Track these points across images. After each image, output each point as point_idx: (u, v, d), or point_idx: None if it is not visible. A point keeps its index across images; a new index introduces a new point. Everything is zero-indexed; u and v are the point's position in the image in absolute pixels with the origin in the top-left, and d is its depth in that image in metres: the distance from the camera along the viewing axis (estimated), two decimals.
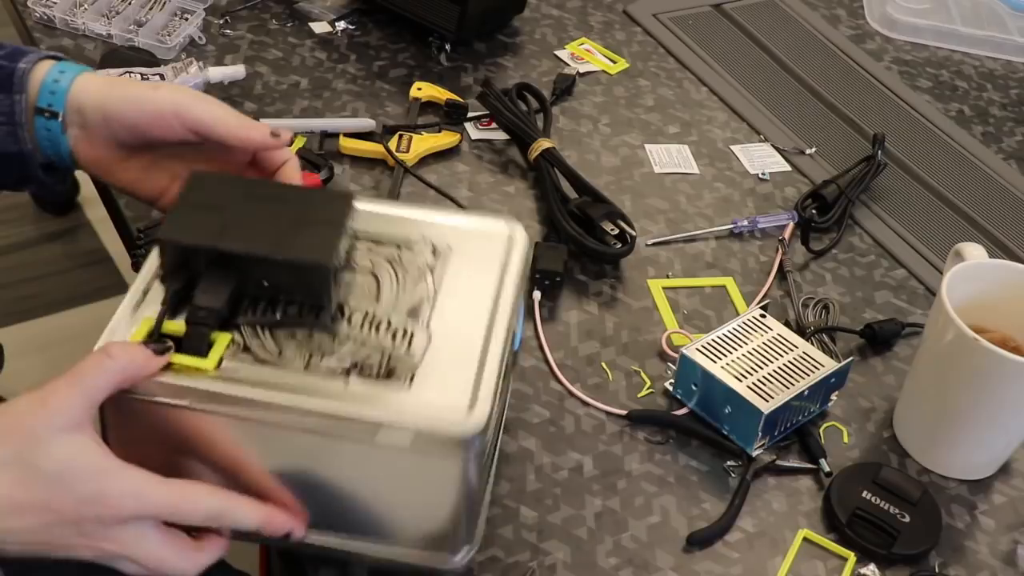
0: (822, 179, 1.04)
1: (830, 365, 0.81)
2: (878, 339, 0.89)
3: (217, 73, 1.04)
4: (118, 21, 1.09)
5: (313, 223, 0.62)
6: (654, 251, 0.95)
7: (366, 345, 0.61)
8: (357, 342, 0.61)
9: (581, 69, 1.15)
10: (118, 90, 0.68)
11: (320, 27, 1.15)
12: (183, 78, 1.03)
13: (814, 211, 1.00)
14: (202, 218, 0.62)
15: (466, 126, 1.05)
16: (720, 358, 0.80)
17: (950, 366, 0.77)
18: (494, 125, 1.04)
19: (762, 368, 0.80)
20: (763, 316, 0.85)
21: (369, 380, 0.59)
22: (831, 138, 1.12)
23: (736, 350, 0.81)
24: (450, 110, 1.05)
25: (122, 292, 0.63)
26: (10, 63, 0.68)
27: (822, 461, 0.79)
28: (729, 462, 0.79)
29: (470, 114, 1.05)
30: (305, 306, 0.62)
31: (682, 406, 0.82)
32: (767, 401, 0.77)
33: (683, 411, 0.82)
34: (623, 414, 0.81)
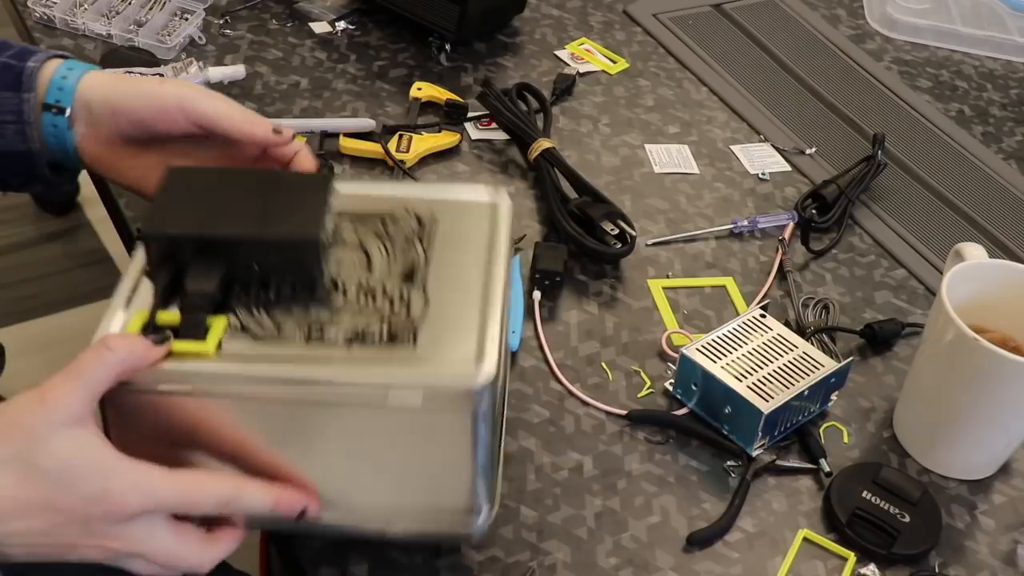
0: (822, 179, 1.04)
1: (830, 365, 0.81)
2: (878, 339, 0.89)
3: (217, 73, 1.05)
4: (118, 21, 1.09)
5: (296, 202, 0.62)
6: (654, 251, 0.95)
7: (364, 313, 0.60)
8: (355, 312, 0.61)
9: (581, 69, 1.15)
10: (124, 85, 0.68)
11: (320, 27, 1.15)
12: (183, 78, 1.03)
13: (814, 211, 1.00)
14: (184, 209, 0.61)
15: (466, 126, 1.05)
16: (720, 358, 0.80)
17: (950, 366, 0.77)
18: (494, 125, 1.04)
19: (762, 368, 0.80)
20: (763, 316, 0.85)
21: (372, 347, 0.59)
22: (831, 138, 1.12)
23: (736, 350, 0.81)
24: (450, 110, 1.05)
25: None
26: (19, 62, 0.68)
27: (822, 461, 0.79)
28: (729, 462, 0.79)
29: (470, 114, 1.05)
30: (298, 284, 0.61)
31: (682, 406, 0.82)
32: (767, 401, 0.77)
33: (683, 411, 0.82)
34: (623, 414, 0.81)
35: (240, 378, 0.57)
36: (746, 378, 0.79)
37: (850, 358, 0.82)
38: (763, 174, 1.06)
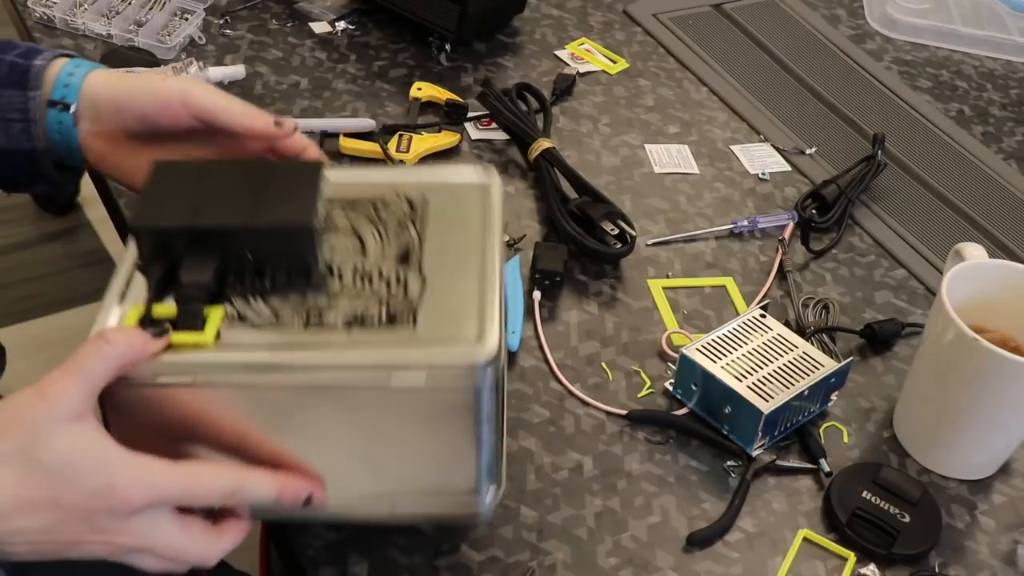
0: (822, 179, 1.04)
1: (830, 365, 0.81)
2: (878, 339, 0.89)
3: (217, 73, 1.05)
4: (118, 21, 1.09)
5: (287, 190, 0.62)
6: (654, 251, 0.95)
7: (362, 297, 0.60)
8: (352, 296, 0.60)
9: (581, 69, 1.15)
10: (128, 81, 0.69)
11: (320, 27, 1.15)
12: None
13: (814, 211, 1.00)
14: (174, 201, 0.61)
15: (466, 126, 1.05)
16: (720, 358, 0.80)
17: (950, 366, 0.77)
18: (494, 125, 1.04)
19: (762, 368, 0.80)
20: (763, 316, 0.85)
21: (372, 329, 0.59)
22: (831, 138, 1.12)
23: (736, 350, 0.81)
24: (450, 110, 1.05)
25: None
26: (25, 61, 0.69)
27: (822, 461, 0.79)
28: (729, 462, 0.79)
29: (470, 114, 1.05)
30: (293, 271, 0.61)
31: (682, 406, 0.82)
32: (767, 401, 0.77)
33: (683, 411, 0.82)
34: (623, 414, 0.81)
35: (241, 366, 0.57)
36: (746, 378, 0.79)
37: (850, 358, 0.82)
38: (763, 174, 1.06)
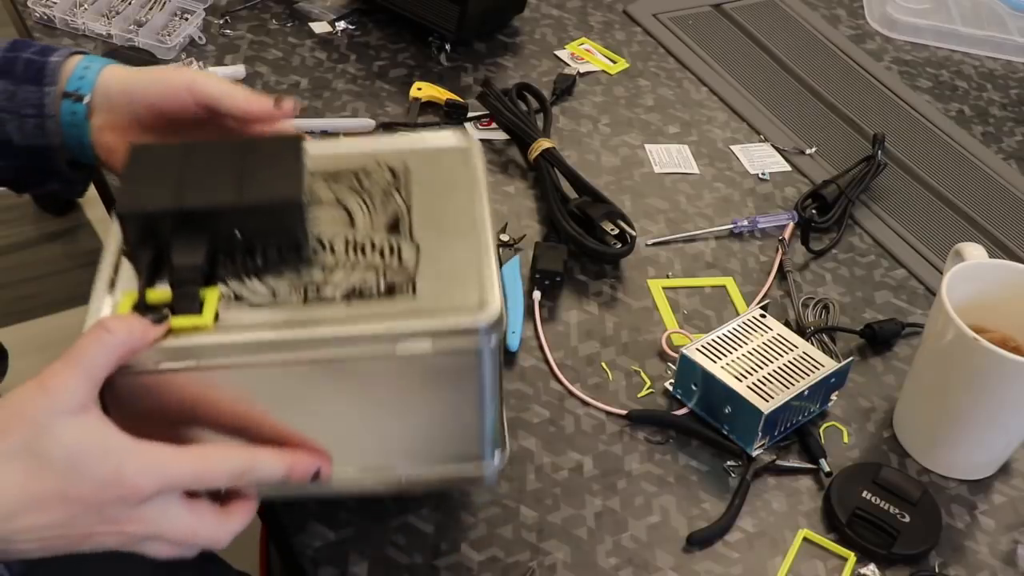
0: (822, 179, 1.04)
1: (830, 365, 0.81)
2: (878, 339, 0.89)
3: (217, 73, 1.05)
4: (118, 21, 1.09)
5: (271, 166, 0.61)
6: (654, 251, 0.95)
7: (357, 268, 0.60)
8: (347, 268, 0.60)
9: (581, 69, 1.15)
10: (140, 72, 0.70)
11: (320, 27, 1.15)
12: None
13: (814, 211, 1.00)
14: (157, 184, 0.60)
15: (466, 126, 1.05)
16: (720, 358, 0.80)
17: (950, 366, 0.77)
18: (494, 125, 1.04)
19: (762, 368, 0.80)
20: (763, 316, 0.85)
21: (372, 300, 0.58)
22: (831, 138, 1.12)
23: (736, 350, 0.81)
24: (450, 110, 1.05)
25: None
26: (42, 58, 0.70)
27: (822, 461, 0.79)
28: (729, 462, 0.79)
29: (470, 114, 1.05)
30: (283, 247, 0.61)
31: (682, 406, 0.82)
32: (767, 401, 0.77)
33: (683, 411, 0.82)
34: (623, 414, 0.81)
35: (244, 347, 0.56)
36: (746, 378, 0.79)
37: (850, 358, 0.82)
38: (763, 174, 1.06)
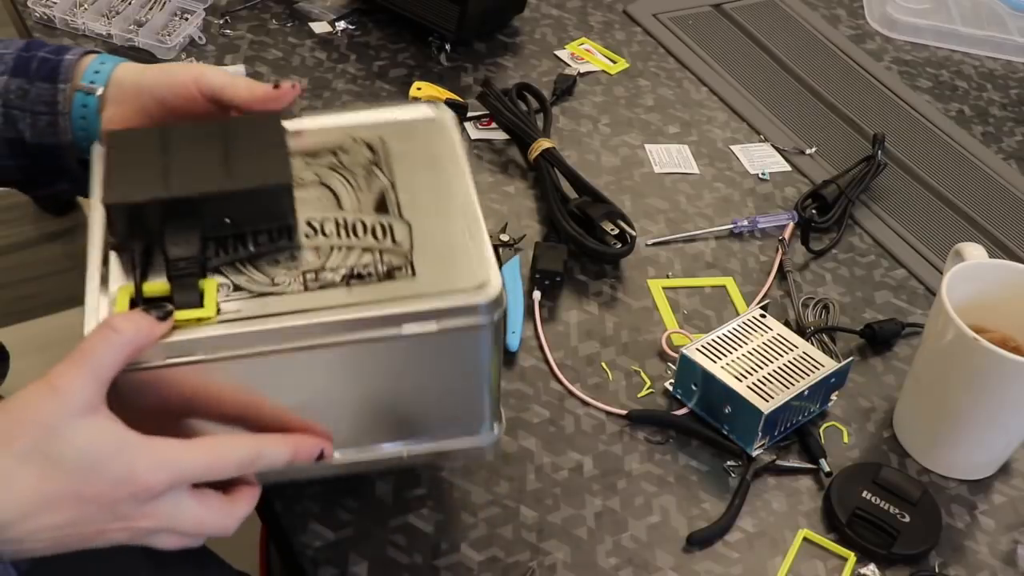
0: (822, 179, 1.04)
1: (830, 365, 0.81)
2: (878, 339, 0.89)
3: None
4: (118, 21, 1.09)
5: (253, 148, 0.61)
6: (654, 251, 0.95)
7: (353, 250, 0.60)
8: (342, 250, 0.60)
9: (581, 69, 1.15)
10: (150, 68, 0.70)
11: (320, 27, 1.15)
12: None
13: (814, 211, 1.00)
14: (142, 173, 0.59)
15: (466, 126, 1.05)
16: (720, 358, 0.80)
17: (950, 366, 0.77)
18: (494, 125, 1.04)
19: (762, 368, 0.80)
20: (763, 316, 0.85)
21: (373, 283, 0.58)
22: (831, 138, 1.12)
23: (736, 350, 0.81)
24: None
25: None
26: (56, 56, 0.70)
27: (822, 461, 0.79)
28: (729, 462, 0.79)
29: (470, 114, 1.05)
30: (274, 231, 0.60)
31: (682, 406, 0.82)
32: (767, 401, 0.77)
33: (683, 411, 0.82)
34: (623, 414, 0.81)
35: (250, 337, 0.56)
36: (746, 378, 0.79)
37: (850, 358, 0.82)
38: (763, 174, 1.06)
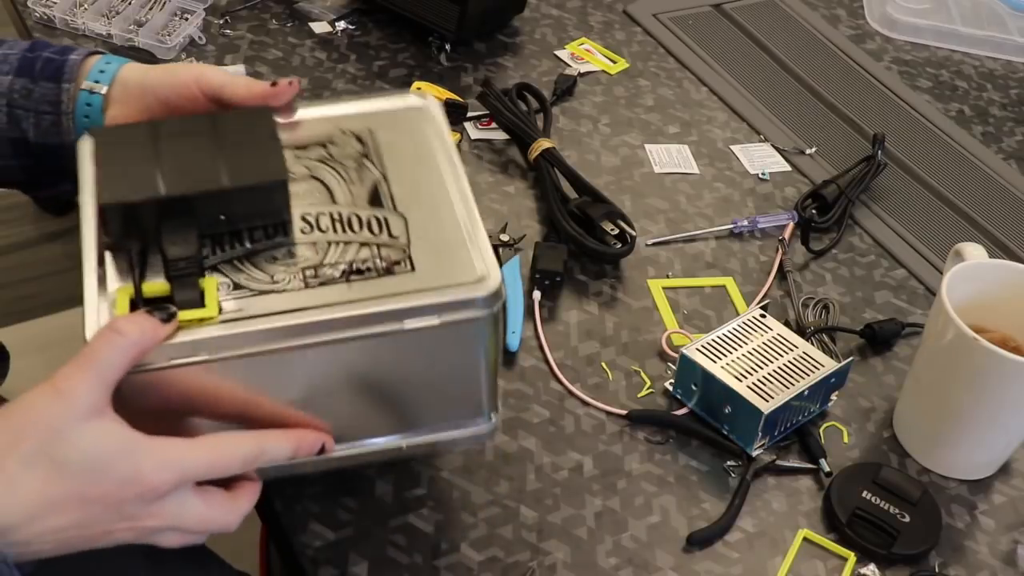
0: (822, 179, 1.04)
1: (830, 365, 0.81)
2: (878, 339, 0.89)
3: None
4: (118, 21, 1.09)
5: (246, 144, 0.60)
6: (654, 251, 0.95)
7: (350, 244, 0.60)
8: (339, 245, 0.60)
9: (581, 69, 1.15)
10: (154, 68, 0.71)
11: (320, 27, 1.15)
12: None
13: (814, 211, 1.00)
14: (135, 171, 0.59)
15: (466, 126, 1.05)
16: (720, 358, 0.80)
17: (950, 366, 0.77)
18: (494, 125, 1.04)
19: (762, 368, 0.80)
20: (763, 316, 0.85)
21: (372, 277, 0.58)
22: (831, 138, 1.12)
23: (736, 350, 0.81)
24: (450, 110, 1.04)
25: None
26: (61, 56, 0.71)
27: (822, 461, 0.79)
28: (729, 462, 0.79)
29: (470, 114, 1.05)
30: (270, 228, 0.60)
31: (682, 406, 0.82)
32: (767, 401, 0.77)
33: (683, 411, 0.82)
34: (623, 414, 0.81)
35: (254, 336, 0.56)
36: (746, 378, 0.79)
37: (850, 358, 0.82)
38: (763, 174, 1.06)
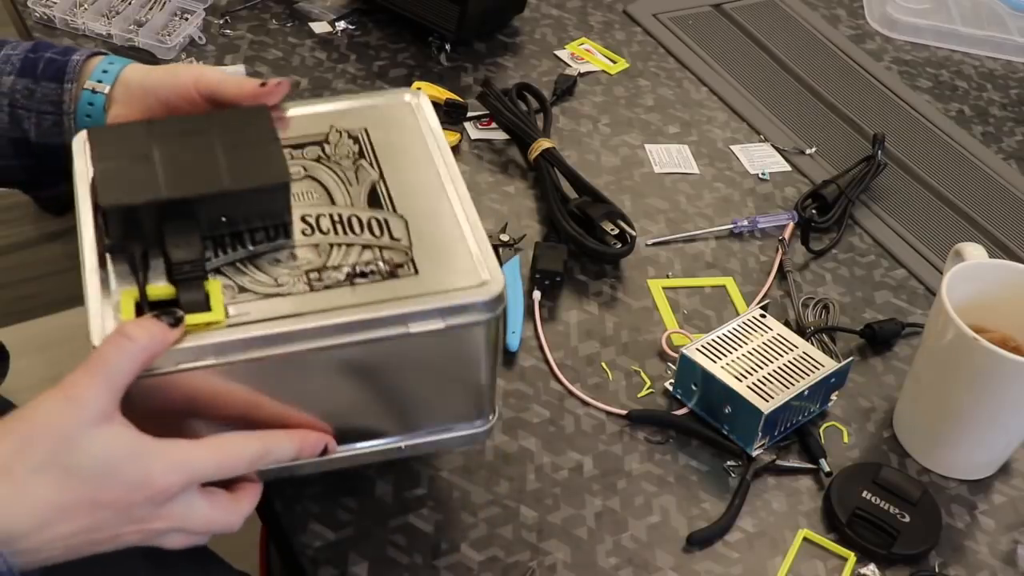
0: (822, 179, 1.04)
1: (830, 365, 0.81)
2: (878, 339, 0.89)
3: None
4: (118, 21, 1.09)
5: (246, 144, 0.60)
6: (654, 251, 0.95)
7: (352, 246, 0.60)
8: (341, 247, 0.60)
9: (581, 69, 1.15)
10: (156, 69, 0.71)
11: (320, 27, 1.15)
12: None
13: (814, 211, 1.00)
14: (134, 173, 0.58)
15: (466, 126, 1.05)
16: (720, 358, 0.80)
17: (950, 366, 0.77)
18: (494, 125, 1.04)
19: (762, 368, 0.80)
20: (763, 316, 0.85)
21: (376, 280, 0.58)
22: (831, 138, 1.12)
23: (736, 350, 0.81)
24: (450, 110, 1.04)
25: None
26: (63, 57, 0.71)
27: (822, 461, 0.79)
28: (729, 462, 0.79)
29: (470, 114, 1.05)
30: (268, 229, 0.60)
31: (682, 406, 0.82)
32: (767, 401, 0.77)
33: (683, 411, 0.82)
34: (623, 414, 0.81)
35: (262, 340, 0.56)
36: (746, 378, 0.79)
37: (850, 358, 0.82)
38: (763, 174, 1.06)
